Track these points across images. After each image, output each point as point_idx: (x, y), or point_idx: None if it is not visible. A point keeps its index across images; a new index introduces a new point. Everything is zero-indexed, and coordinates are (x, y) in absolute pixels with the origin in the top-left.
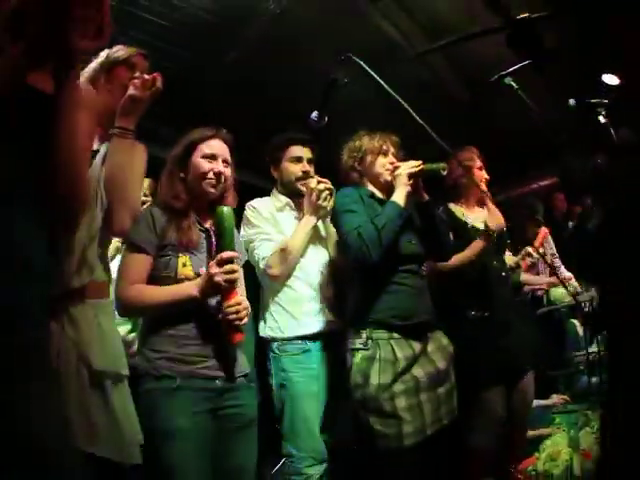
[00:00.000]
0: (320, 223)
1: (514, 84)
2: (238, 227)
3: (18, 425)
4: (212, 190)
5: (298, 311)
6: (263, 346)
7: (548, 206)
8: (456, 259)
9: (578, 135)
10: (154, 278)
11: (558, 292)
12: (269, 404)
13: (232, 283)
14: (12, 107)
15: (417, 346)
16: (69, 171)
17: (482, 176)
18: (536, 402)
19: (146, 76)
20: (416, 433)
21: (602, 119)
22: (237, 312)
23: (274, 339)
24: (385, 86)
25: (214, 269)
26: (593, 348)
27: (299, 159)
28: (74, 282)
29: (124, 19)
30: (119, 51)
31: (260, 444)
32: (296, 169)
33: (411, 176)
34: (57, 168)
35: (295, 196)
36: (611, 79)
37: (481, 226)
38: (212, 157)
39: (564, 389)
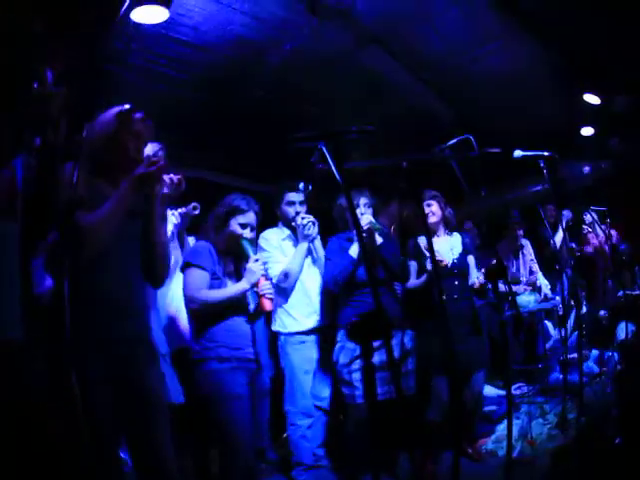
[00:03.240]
0: (315, 248)
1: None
2: None
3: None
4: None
5: (297, 314)
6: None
7: (537, 215)
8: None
9: None
10: None
11: (523, 298)
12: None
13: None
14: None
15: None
16: (162, 254)
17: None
18: (495, 391)
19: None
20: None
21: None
22: (269, 288)
23: (281, 333)
24: (333, 167)
25: (251, 264)
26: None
27: (292, 203)
28: None
29: (150, 76)
30: (122, 118)
31: (275, 419)
32: (290, 211)
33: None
34: (155, 253)
35: (293, 229)
36: (592, 99)
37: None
38: (243, 226)
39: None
